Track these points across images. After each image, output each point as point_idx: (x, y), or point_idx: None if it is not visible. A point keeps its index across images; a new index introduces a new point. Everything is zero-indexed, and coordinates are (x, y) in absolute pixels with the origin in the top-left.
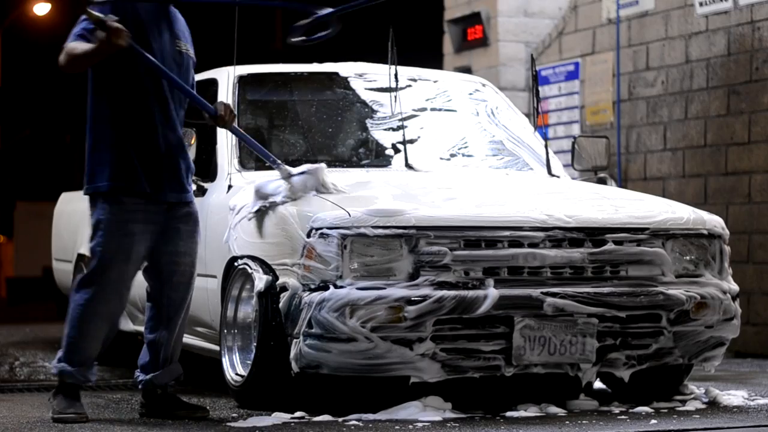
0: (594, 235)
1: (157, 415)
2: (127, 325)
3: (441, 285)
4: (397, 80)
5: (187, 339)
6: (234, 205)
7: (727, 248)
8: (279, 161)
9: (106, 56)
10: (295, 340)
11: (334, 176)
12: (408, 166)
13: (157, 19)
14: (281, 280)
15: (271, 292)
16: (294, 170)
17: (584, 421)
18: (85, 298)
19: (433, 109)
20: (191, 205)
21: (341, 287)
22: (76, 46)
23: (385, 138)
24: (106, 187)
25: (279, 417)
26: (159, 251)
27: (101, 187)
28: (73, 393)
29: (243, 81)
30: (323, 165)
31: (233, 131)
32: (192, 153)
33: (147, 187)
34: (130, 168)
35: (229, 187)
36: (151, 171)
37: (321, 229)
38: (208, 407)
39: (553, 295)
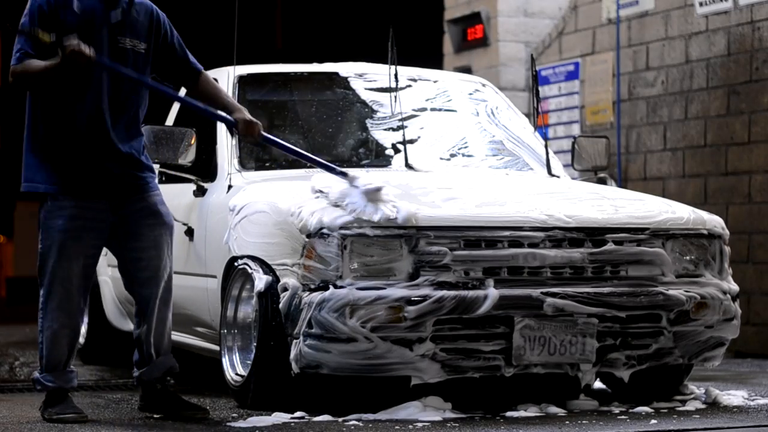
0: (594, 235)
1: (157, 411)
2: (126, 324)
3: (441, 285)
4: (397, 80)
5: (187, 339)
6: (234, 205)
7: (727, 248)
8: (336, 167)
9: (64, 74)
10: (295, 340)
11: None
12: (408, 166)
13: (92, 16)
14: (281, 281)
15: (271, 292)
16: (357, 182)
17: (584, 421)
18: (41, 301)
19: (433, 109)
20: (148, 198)
21: (341, 287)
22: (30, 64)
23: (385, 138)
24: (31, 188)
25: (279, 417)
26: (122, 248)
27: (31, 187)
28: (59, 398)
29: (243, 81)
30: (382, 187)
31: (269, 142)
32: (192, 153)
33: (73, 188)
34: (55, 169)
35: (229, 187)
36: (79, 171)
37: (321, 229)
38: (208, 407)
39: (553, 295)
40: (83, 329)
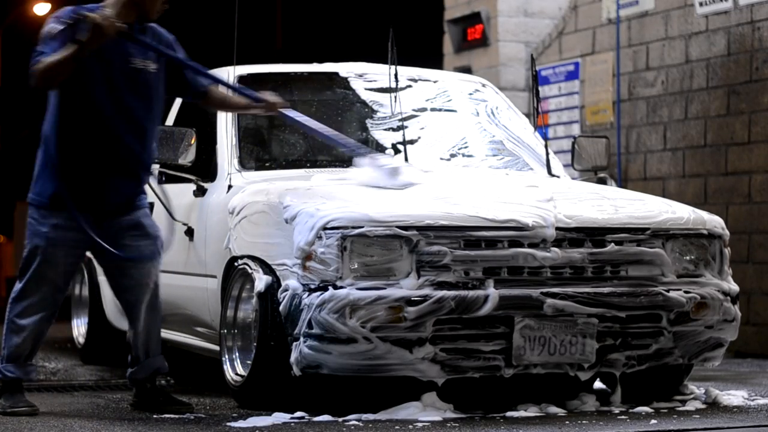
0: (594, 235)
1: (147, 409)
2: (126, 324)
3: (441, 285)
4: (397, 80)
5: (187, 339)
6: (233, 207)
7: (727, 249)
8: (355, 146)
9: (86, 54)
10: (295, 342)
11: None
12: None
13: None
14: (282, 282)
15: (271, 292)
16: (379, 162)
17: (584, 421)
18: (14, 296)
19: (433, 109)
20: (135, 214)
21: (341, 288)
22: (49, 58)
23: (385, 138)
24: (29, 197)
25: (279, 417)
26: (106, 259)
27: (31, 198)
28: (14, 389)
29: (243, 81)
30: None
31: (288, 118)
32: (192, 153)
33: (56, 203)
34: (46, 183)
35: (229, 187)
36: (71, 188)
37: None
38: (207, 407)
39: (553, 295)
40: (83, 329)
